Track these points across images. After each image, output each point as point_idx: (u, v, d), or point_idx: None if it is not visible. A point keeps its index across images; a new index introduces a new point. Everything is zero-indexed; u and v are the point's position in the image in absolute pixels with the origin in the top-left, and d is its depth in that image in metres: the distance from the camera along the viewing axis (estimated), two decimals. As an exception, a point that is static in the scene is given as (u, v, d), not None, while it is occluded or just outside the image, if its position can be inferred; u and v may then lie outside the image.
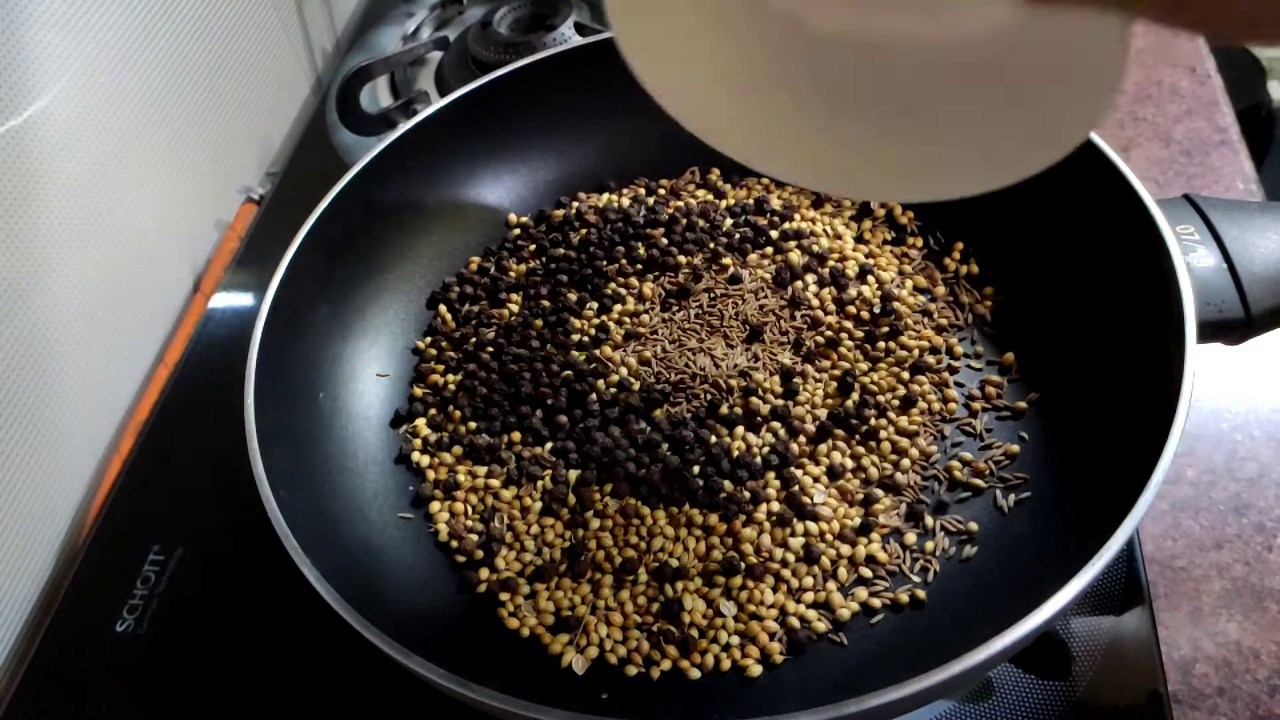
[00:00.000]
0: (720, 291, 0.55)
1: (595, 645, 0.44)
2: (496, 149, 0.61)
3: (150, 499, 0.55)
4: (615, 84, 0.60)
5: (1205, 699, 0.43)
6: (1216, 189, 0.63)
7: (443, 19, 0.81)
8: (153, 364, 0.64)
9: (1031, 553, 0.43)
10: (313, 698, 0.46)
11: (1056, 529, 0.43)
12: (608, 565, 0.45)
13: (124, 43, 0.60)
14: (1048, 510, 0.45)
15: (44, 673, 0.49)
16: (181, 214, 0.67)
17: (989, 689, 0.43)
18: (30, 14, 0.52)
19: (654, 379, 0.52)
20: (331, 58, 0.84)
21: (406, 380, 0.55)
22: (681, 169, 0.63)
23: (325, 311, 0.53)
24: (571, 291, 0.56)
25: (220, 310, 0.64)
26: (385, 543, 0.48)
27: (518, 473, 0.49)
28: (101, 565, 0.52)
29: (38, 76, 0.53)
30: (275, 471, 0.42)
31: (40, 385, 0.54)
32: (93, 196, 0.58)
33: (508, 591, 0.46)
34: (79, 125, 0.56)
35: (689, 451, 0.48)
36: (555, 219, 0.61)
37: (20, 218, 0.52)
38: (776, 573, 0.45)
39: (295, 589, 0.38)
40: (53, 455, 0.55)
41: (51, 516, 0.55)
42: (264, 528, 0.40)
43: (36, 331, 0.53)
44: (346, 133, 0.71)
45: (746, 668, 0.42)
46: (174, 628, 0.49)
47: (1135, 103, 0.69)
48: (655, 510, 0.46)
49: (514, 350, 0.54)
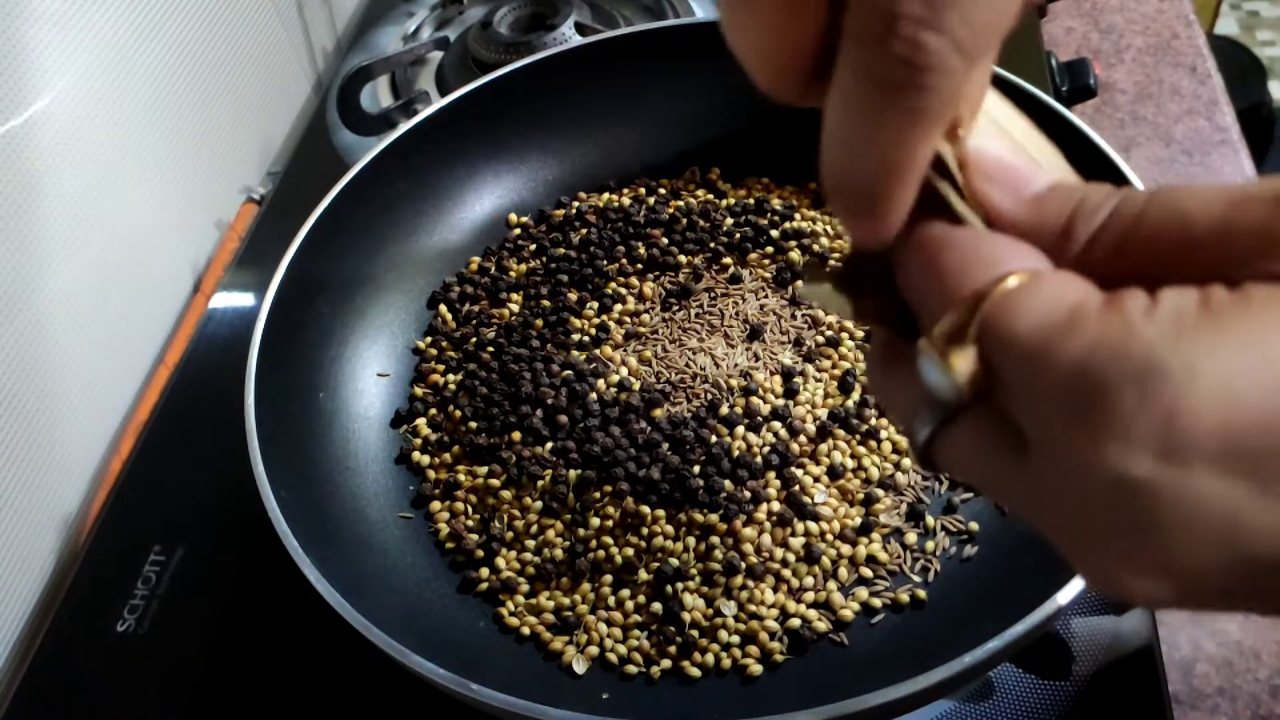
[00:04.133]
0: (720, 291, 0.55)
1: (595, 645, 0.44)
2: (496, 149, 0.61)
3: (150, 499, 0.55)
4: (615, 84, 0.61)
5: (1206, 699, 0.43)
6: (1217, 189, 0.62)
7: (443, 19, 0.81)
8: (153, 364, 0.64)
9: (1032, 553, 0.43)
10: (313, 697, 0.46)
11: (1057, 529, 0.43)
12: (608, 565, 0.45)
13: (124, 43, 0.60)
14: (1048, 510, 0.45)
15: (44, 673, 0.49)
16: (181, 214, 0.67)
17: (989, 689, 0.43)
18: (30, 14, 0.52)
19: (654, 379, 0.52)
20: (332, 58, 0.84)
21: (407, 380, 0.55)
22: (681, 169, 0.62)
23: (325, 311, 0.53)
24: (572, 291, 0.56)
25: (220, 310, 0.64)
26: (385, 543, 0.48)
27: (518, 473, 0.49)
28: (102, 565, 0.52)
29: (38, 76, 0.53)
30: (275, 471, 0.42)
31: (40, 385, 0.54)
32: (93, 196, 0.58)
33: (508, 591, 0.46)
34: (79, 125, 0.56)
35: (689, 451, 0.48)
36: (555, 219, 0.61)
37: (20, 218, 0.52)
38: (777, 572, 0.45)
39: (295, 589, 0.38)
40: (53, 455, 0.55)
41: (52, 517, 0.55)
42: (264, 528, 0.40)
43: (36, 331, 0.53)
44: (347, 133, 0.71)
45: (747, 667, 0.42)
46: (174, 628, 0.49)
47: (1136, 102, 0.69)
48: (655, 510, 0.46)
49: (514, 350, 0.54)
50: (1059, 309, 0.16)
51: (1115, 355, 0.15)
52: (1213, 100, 0.68)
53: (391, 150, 0.55)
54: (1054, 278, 0.16)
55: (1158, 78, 0.71)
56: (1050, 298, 0.16)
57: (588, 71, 0.60)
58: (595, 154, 0.63)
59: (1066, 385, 0.15)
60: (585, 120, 0.62)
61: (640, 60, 0.60)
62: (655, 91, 0.61)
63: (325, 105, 0.75)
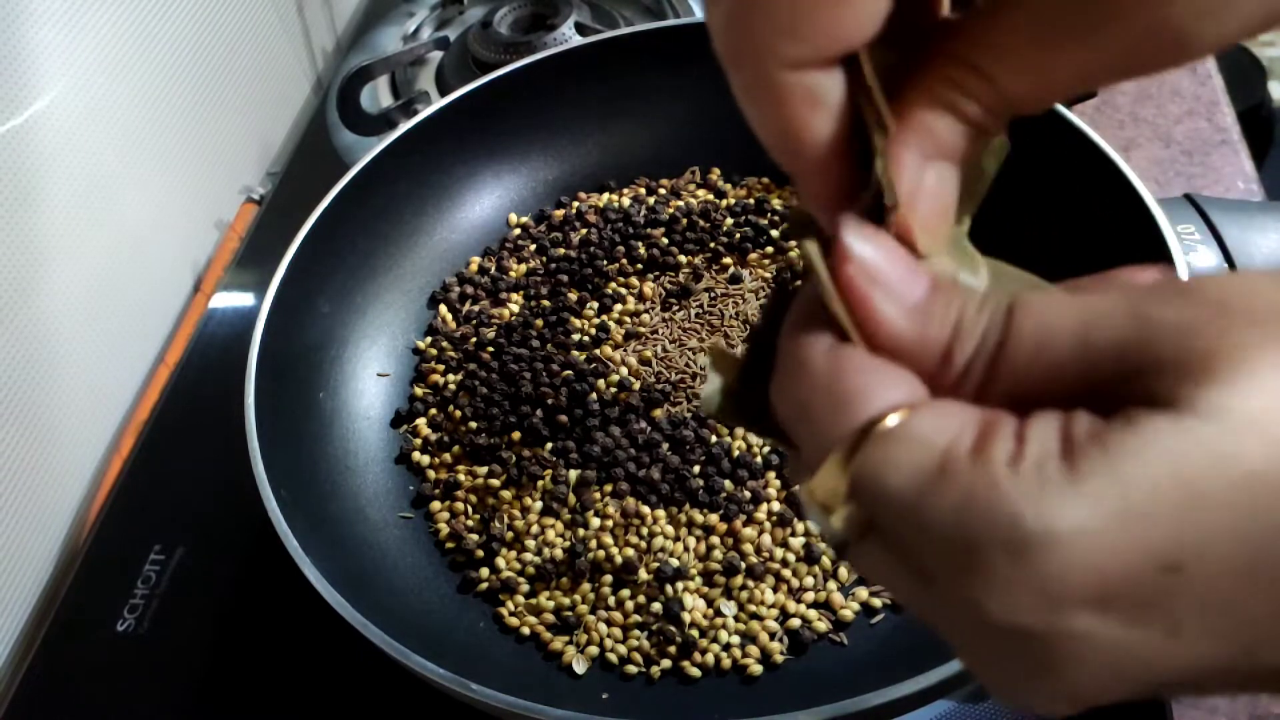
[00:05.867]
0: (721, 291, 0.55)
1: (595, 645, 0.44)
2: (496, 149, 0.61)
3: (150, 499, 0.55)
4: (615, 84, 0.61)
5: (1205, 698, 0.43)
6: (1217, 189, 0.63)
7: (443, 19, 0.81)
8: (153, 364, 0.64)
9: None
10: (313, 697, 0.46)
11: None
12: (608, 565, 0.45)
13: (124, 43, 0.60)
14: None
15: (44, 673, 0.49)
16: (181, 214, 0.67)
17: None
18: (30, 14, 0.52)
19: (654, 378, 0.52)
20: (332, 58, 0.84)
21: (407, 380, 0.55)
22: (681, 169, 0.62)
23: (325, 311, 0.53)
24: (572, 291, 0.56)
25: (220, 310, 0.64)
26: (385, 543, 0.48)
27: (518, 473, 0.49)
28: (102, 565, 0.52)
29: (38, 76, 0.53)
30: (275, 471, 0.42)
31: (40, 385, 0.54)
32: (93, 196, 0.58)
33: (508, 591, 0.46)
34: (79, 125, 0.56)
35: (689, 451, 0.48)
36: (555, 219, 0.61)
37: (20, 218, 0.52)
38: (777, 572, 0.45)
39: (295, 589, 0.38)
40: (53, 455, 0.55)
41: (52, 516, 0.55)
42: (264, 528, 0.40)
43: (36, 331, 0.53)
44: (347, 133, 0.71)
45: (747, 667, 0.42)
46: (174, 628, 0.49)
47: (1136, 103, 0.69)
48: (655, 510, 0.46)
49: (514, 350, 0.54)
50: (929, 460, 0.15)
51: (983, 519, 0.15)
52: (1213, 101, 0.68)
53: (391, 150, 0.55)
54: (924, 419, 0.16)
55: (1158, 78, 0.71)
56: (920, 447, 0.16)
57: (588, 71, 0.60)
58: (595, 154, 0.63)
59: (941, 544, 0.15)
60: (585, 120, 0.62)
61: (640, 60, 0.60)
62: (655, 91, 0.61)
63: (325, 105, 0.75)
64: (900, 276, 0.17)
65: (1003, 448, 0.15)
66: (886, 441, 0.16)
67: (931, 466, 0.15)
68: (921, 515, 0.15)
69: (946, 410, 0.16)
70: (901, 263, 0.18)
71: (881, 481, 0.16)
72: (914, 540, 0.16)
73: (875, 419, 0.16)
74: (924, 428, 0.16)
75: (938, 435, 0.16)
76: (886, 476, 0.16)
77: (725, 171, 0.62)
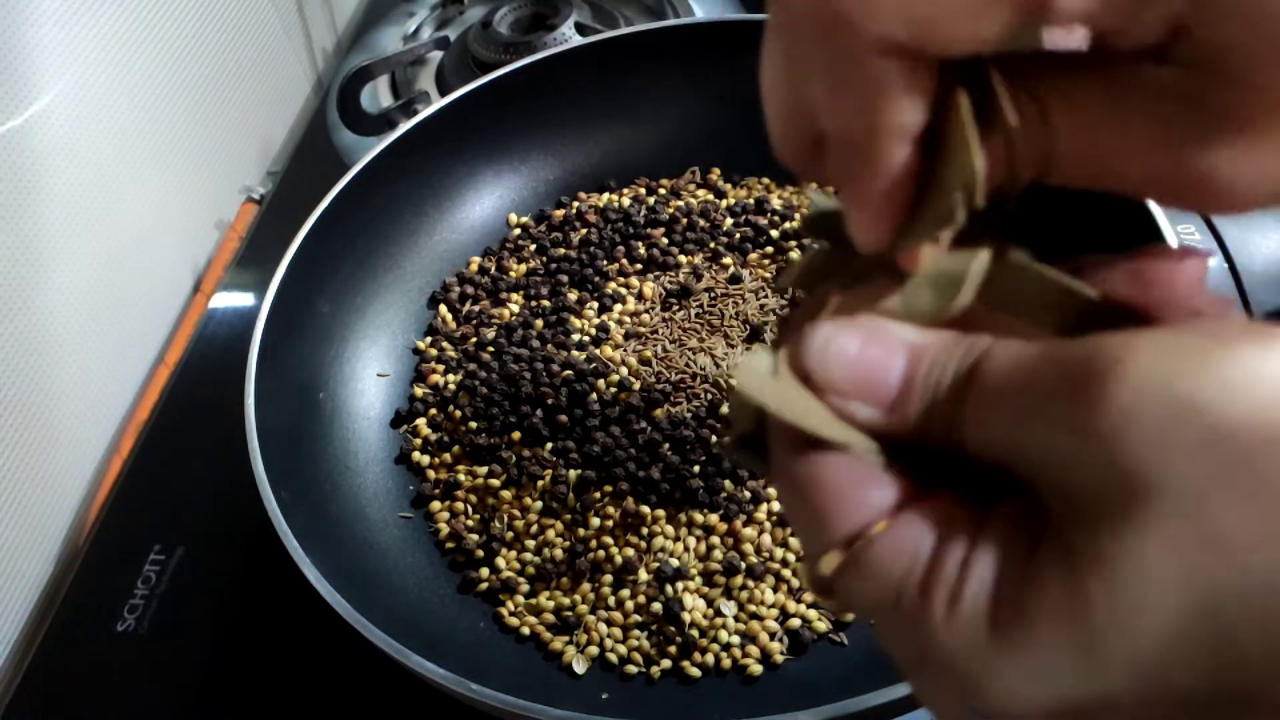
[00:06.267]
0: (721, 291, 0.55)
1: (595, 645, 0.44)
2: (496, 149, 0.61)
3: (150, 499, 0.55)
4: (615, 84, 0.61)
5: None
6: (1217, 189, 0.62)
7: (443, 19, 0.81)
8: (153, 364, 0.64)
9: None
10: (313, 697, 0.46)
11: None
12: (608, 565, 0.45)
13: (124, 42, 0.60)
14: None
15: (44, 673, 0.49)
16: (181, 214, 0.67)
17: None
18: (30, 13, 0.52)
19: (654, 379, 0.52)
20: (332, 58, 0.84)
21: (407, 380, 0.55)
22: (681, 169, 0.62)
23: (325, 311, 0.53)
24: (572, 291, 0.56)
25: (220, 310, 0.64)
26: (385, 543, 0.48)
27: (518, 473, 0.49)
28: (102, 565, 0.52)
29: (38, 76, 0.53)
30: (275, 471, 0.42)
31: (40, 385, 0.54)
32: (93, 196, 0.58)
33: (508, 591, 0.46)
34: (79, 125, 0.56)
35: (689, 451, 0.48)
36: (555, 219, 0.61)
37: (20, 217, 0.52)
38: (777, 572, 0.45)
39: (295, 589, 0.38)
40: (53, 455, 0.55)
41: (52, 516, 0.55)
42: (264, 528, 0.40)
43: (36, 331, 0.53)
44: (347, 133, 0.71)
45: (747, 667, 0.42)
46: (174, 628, 0.49)
47: (1136, 102, 0.69)
48: (655, 510, 0.46)
49: (514, 350, 0.54)
50: (887, 594, 0.17)
51: (925, 655, 0.17)
52: (1213, 100, 0.68)
53: (391, 150, 0.55)
54: (885, 551, 0.17)
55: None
56: (879, 583, 0.17)
57: (588, 71, 0.60)
58: (595, 154, 0.63)
59: (897, 653, 0.18)
60: (585, 120, 0.62)
61: (640, 60, 0.60)
62: (655, 91, 0.61)
63: (325, 105, 0.75)
64: (873, 378, 0.18)
65: (942, 593, 0.16)
66: (853, 571, 0.17)
67: (888, 600, 0.17)
68: (881, 634, 0.18)
69: (905, 536, 0.17)
70: (875, 364, 0.18)
71: (851, 601, 0.18)
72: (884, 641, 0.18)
73: (848, 538, 0.18)
74: (883, 561, 0.17)
75: (895, 567, 0.17)
76: (853, 600, 0.18)
77: (725, 171, 0.62)
